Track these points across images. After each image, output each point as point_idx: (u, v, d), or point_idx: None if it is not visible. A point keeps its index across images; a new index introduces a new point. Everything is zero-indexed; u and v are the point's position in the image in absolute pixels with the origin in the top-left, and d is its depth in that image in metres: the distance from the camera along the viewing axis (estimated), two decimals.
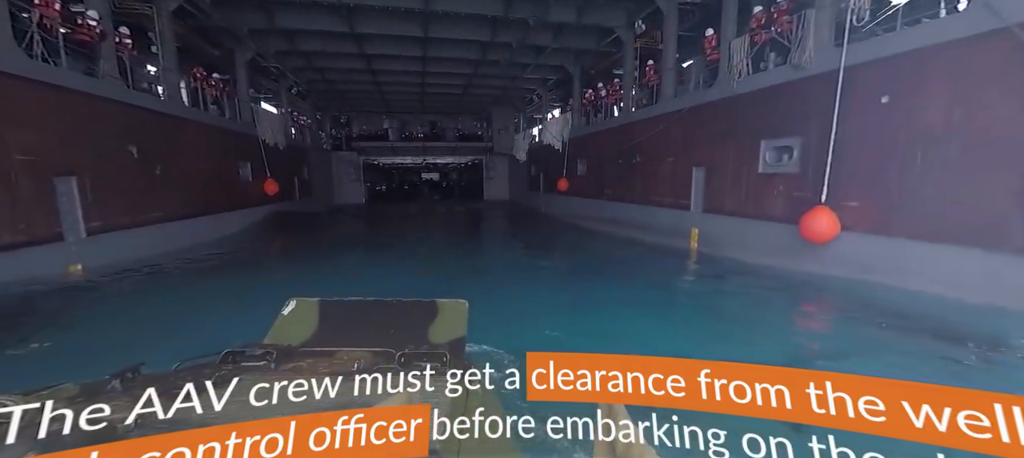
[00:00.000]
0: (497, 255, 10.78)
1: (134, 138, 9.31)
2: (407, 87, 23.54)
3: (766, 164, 8.76)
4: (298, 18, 14.27)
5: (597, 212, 16.68)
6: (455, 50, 17.53)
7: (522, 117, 29.60)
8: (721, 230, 10.11)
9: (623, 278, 8.09)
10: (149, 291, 7.09)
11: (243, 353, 2.06)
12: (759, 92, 8.94)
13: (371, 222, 19.67)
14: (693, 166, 11.23)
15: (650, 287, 7.42)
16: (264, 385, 1.63)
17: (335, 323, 2.53)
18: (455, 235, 15.25)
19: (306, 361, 2.06)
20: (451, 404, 1.61)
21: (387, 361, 2.01)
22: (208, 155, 12.40)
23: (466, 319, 2.59)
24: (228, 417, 1.43)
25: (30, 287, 6.47)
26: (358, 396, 1.62)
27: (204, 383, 1.60)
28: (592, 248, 11.42)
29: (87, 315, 5.73)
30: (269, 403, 1.55)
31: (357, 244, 13.50)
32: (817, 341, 5.25)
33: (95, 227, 8.03)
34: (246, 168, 15.06)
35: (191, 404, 1.49)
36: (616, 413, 1.23)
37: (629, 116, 14.54)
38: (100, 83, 8.53)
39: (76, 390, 1.59)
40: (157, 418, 1.41)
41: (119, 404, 1.40)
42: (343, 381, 1.68)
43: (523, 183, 27.06)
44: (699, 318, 5.64)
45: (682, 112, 11.46)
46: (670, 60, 12.40)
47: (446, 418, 1.50)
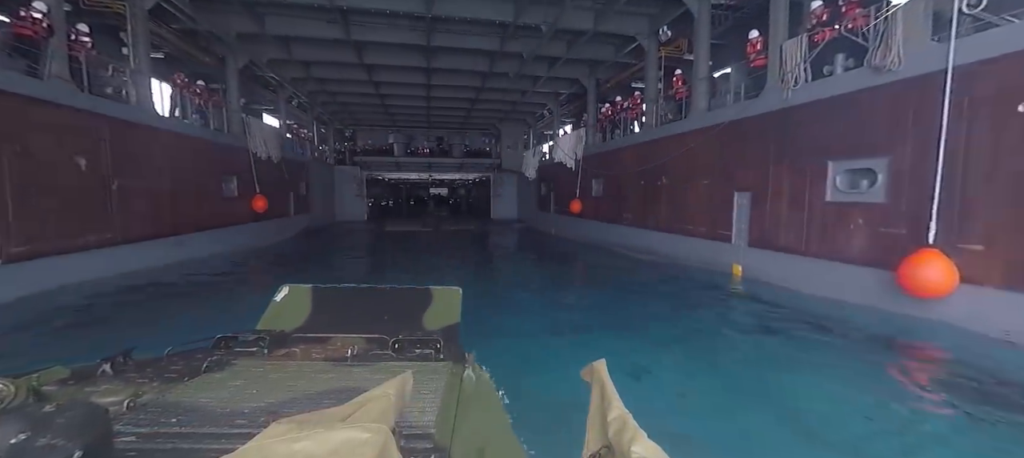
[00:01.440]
0: (508, 298, 9.21)
1: (84, 149, 8.02)
2: (412, 100, 22.41)
3: (837, 191, 7.14)
4: (289, 24, 13.15)
5: (615, 238, 15.07)
6: (462, 60, 16.32)
7: (532, 133, 28.34)
8: (774, 270, 8.44)
9: (655, 325, 6.48)
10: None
11: (235, 338, 1.99)
12: (823, 102, 7.38)
13: (349, 245, 18.26)
14: (735, 190, 9.64)
15: (693, 348, 5.77)
16: (257, 370, 1.68)
17: (328, 309, 2.45)
18: (454, 266, 13.70)
19: (299, 347, 1.99)
20: (445, 388, 1.57)
21: (381, 347, 1.99)
22: (183, 169, 11.12)
23: (460, 305, 2.54)
24: (220, 402, 1.40)
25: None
26: (352, 382, 1.58)
27: (196, 368, 1.65)
28: (612, 284, 9.79)
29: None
30: (262, 388, 1.51)
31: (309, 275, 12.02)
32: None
33: (16, 253, 6.66)
34: (231, 183, 13.78)
35: (183, 389, 1.48)
36: (608, 396, 1.04)
37: (652, 132, 13.06)
38: (40, 84, 7.27)
39: (67, 373, 1.50)
40: (149, 403, 1.36)
41: (110, 388, 1.40)
42: (337, 366, 1.76)
43: (532, 202, 25.61)
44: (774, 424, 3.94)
45: (719, 128, 9.93)
46: (702, 69, 10.93)
47: (440, 402, 1.45)
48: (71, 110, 7.80)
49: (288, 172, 17.94)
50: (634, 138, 14.35)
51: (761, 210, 8.89)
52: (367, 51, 15.50)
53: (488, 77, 17.92)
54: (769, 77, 8.63)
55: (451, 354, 1.93)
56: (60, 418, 0.93)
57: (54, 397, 1.29)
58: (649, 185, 13.04)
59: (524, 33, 13.66)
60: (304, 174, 20.35)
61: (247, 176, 14.54)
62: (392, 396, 1.03)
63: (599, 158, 16.81)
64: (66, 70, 7.87)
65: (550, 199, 22.10)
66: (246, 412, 1.33)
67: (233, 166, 13.94)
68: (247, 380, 1.58)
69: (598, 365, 1.19)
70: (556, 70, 16.81)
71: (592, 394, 1.14)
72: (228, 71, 14.52)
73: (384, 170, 30.35)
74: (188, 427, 1.22)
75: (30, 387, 1.27)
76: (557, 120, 22.74)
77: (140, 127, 9.62)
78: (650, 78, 13.26)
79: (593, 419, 1.08)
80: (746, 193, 9.34)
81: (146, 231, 9.55)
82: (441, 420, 1.34)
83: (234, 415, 1.31)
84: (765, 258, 8.76)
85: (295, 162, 19.52)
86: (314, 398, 1.44)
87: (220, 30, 12.51)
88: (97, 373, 1.54)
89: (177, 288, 8.60)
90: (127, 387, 1.42)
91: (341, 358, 1.85)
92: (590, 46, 14.71)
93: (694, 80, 11.06)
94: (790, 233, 8.12)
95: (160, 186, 10.18)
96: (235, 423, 1.26)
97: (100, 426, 0.99)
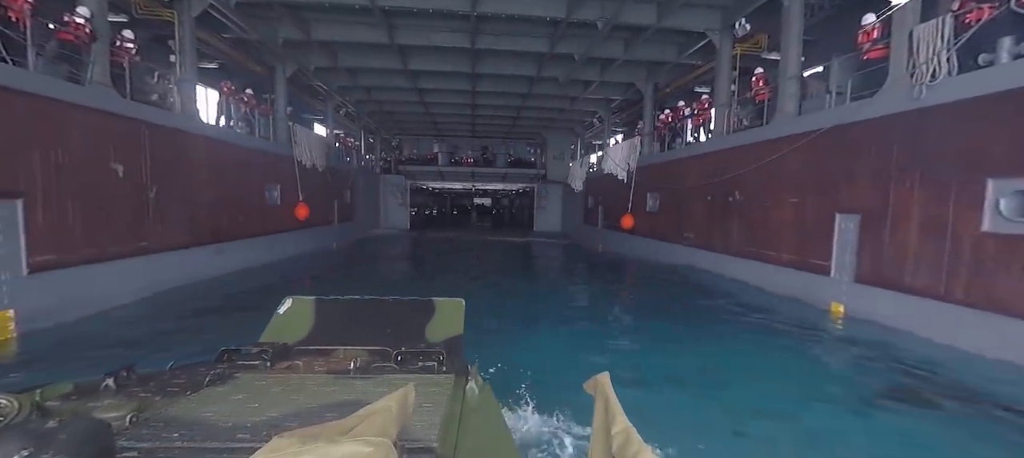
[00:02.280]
0: (567, 327, 8.03)
1: (122, 155, 7.80)
2: (457, 107, 21.87)
3: (1001, 219, 5.35)
4: (334, 29, 12.86)
5: (673, 259, 13.44)
6: (508, 64, 15.45)
7: (580, 143, 27.02)
8: (899, 316, 6.64)
9: (760, 383, 5.04)
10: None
11: (239, 352, 1.96)
12: (980, 101, 5.64)
13: (378, 259, 17.72)
14: (836, 212, 7.90)
15: (833, 433, 4.29)
16: (260, 383, 1.67)
17: (331, 321, 2.41)
18: (491, 285, 12.66)
19: (302, 360, 1.96)
20: (448, 401, 1.54)
21: (384, 359, 1.96)
22: (225, 176, 10.94)
23: (463, 317, 2.49)
24: (223, 416, 1.39)
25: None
26: (354, 395, 1.57)
27: (199, 382, 1.64)
28: (685, 315, 8.32)
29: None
30: (264, 402, 1.51)
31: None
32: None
33: (43, 262, 6.37)
34: (274, 191, 13.64)
35: (185, 403, 1.48)
36: (612, 410, 1.03)
37: (723, 141, 11.41)
38: (78, 89, 7.08)
39: (70, 388, 1.49)
40: (151, 418, 1.35)
41: (113, 403, 1.39)
42: (339, 379, 1.74)
43: (578, 215, 24.23)
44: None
45: (814, 135, 8.24)
46: (792, 65, 9.26)
47: (443, 415, 1.43)
48: (110, 115, 7.59)
49: (333, 180, 17.83)
50: (699, 148, 12.74)
51: (876, 238, 7.12)
52: (411, 56, 15.01)
53: (536, 82, 16.93)
54: (892, 71, 6.91)
55: (454, 366, 1.90)
56: (63, 434, 0.94)
57: (58, 412, 1.29)
58: (718, 201, 11.38)
59: (577, 31, 12.53)
60: (349, 182, 20.29)
61: (291, 184, 14.39)
62: (394, 409, 1.02)
63: (655, 170, 15.25)
64: (107, 76, 7.70)
65: (598, 213, 20.66)
66: (249, 426, 1.32)
67: (277, 174, 13.80)
68: (250, 394, 1.57)
69: (602, 378, 1.19)
70: (610, 73, 15.52)
71: (595, 407, 1.13)
72: (276, 79, 14.52)
73: (428, 179, 30.17)
74: (190, 442, 1.22)
75: (33, 402, 1.28)
76: (608, 128, 21.32)
77: (180, 134, 9.43)
78: (722, 79, 11.66)
79: (597, 433, 1.08)
80: (853, 215, 7.58)
81: (184, 239, 9.29)
82: (444, 433, 1.33)
83: (236, 429, 1.30)
84: (880, 299, 6.96)
85: (340, 170, 19.48)
86: (317, 411, 1.43)
87: (267, 38, 12.41)
88: (100, 388, 1.53)
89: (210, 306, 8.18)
90: (130, 402, 1.41)
91: (344, 371, 1.84)
92: (650, 46, 13.32)
93: (781, 79, 9.40)
94: (922, 270, 6.32)
95: (200, 194, 9.97)
96: (237, 438, 1.25)
97: (103, 442, 1.01)
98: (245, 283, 10.05)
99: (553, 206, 28.91)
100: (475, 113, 22.54)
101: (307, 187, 15.19)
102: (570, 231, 26.15)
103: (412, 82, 17.22)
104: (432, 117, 24.40)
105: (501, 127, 26.96)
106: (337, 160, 19.84)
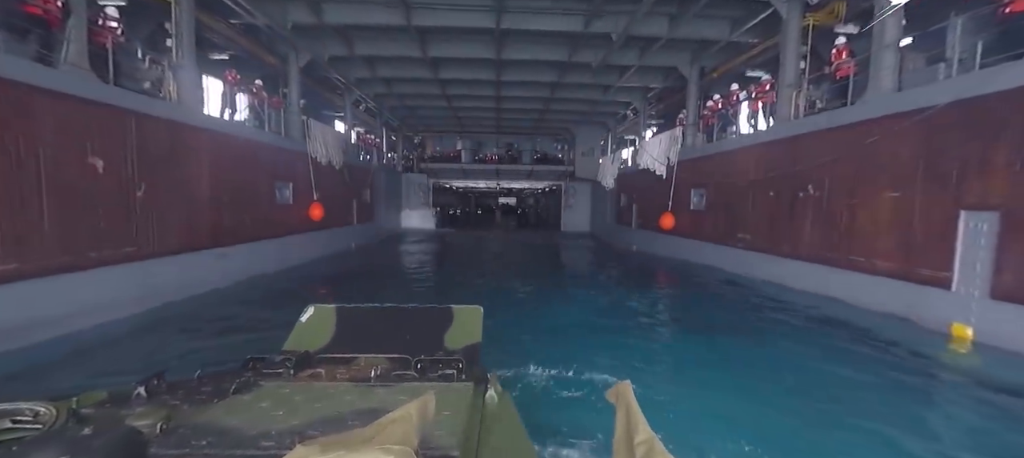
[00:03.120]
0: (615, 337, 6.66)
1: (103, 148, 6.91)
2: (480, 100, 20.66)
3: None
4: (346, 11, 11.83)
5: (723, 262, 11.78)
6: (537, 48, 14.09)
7: (611, 137, 25.33)
8: None
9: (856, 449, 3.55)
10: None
11: (263, 360, 1.98)
12: None
13: (384, 270, 16.63)
14: (960, 208, 6.17)
15: None
16: (283, 392, 1.69)
17: (352, 329, 2.44)
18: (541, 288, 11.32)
19: (324, 368, 1.99)
20: (467, 409, 1.55)
21: (404, 367, 1.97)
22: (229, 174, 10.07)
23: (481, 325, 2.47)
24: (248, 424, 1.41)
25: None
26: (375, 403, 1.59)
27: (226, 389, 1.66)
28: (758, 332, 6.79)
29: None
30: (288, 410, 1.53)
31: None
32: None
33: (4, 272, 5.48)
34: (286, 189, 12.77)
35: (213, 411, 1.51)
36: (634, 419, 1.03)
37: (792, 127, 9.69)
38: (49, 73, 6.20)
39: (104, 395, 1.55)
40: (180, 425, 1.39)
41: (145, 411, 1.41)
42: (360, 387, 1.76)
43: (609, 214, 22.63)
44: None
45: (928, 112, 6.51)
46: (891, 32, 7.50)
47: (462, 423, 1.44)
48: (86, 103, 6.70)
49: (351, 178, 16.94)
50: (759, 137, 11.01)
51: (1022, 242, 5.39)
52: (431, 41, 13.90)
53: (567, 69, 15.49)
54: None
55: (473, 374, 1.91)
56: (98, 441, 1.00)
57: (92, 419, 1.33)
58: (784, 197, 9.67)
59: (615, 6, 11.05)
60: (368, 180, 19.41)
61: (305, 182, 13.52)
62: (415, 417, 1.03)
63: (701, 163, 13.57)
64: (85, 58, 6.82)
65: (631, 211, 19.04)
66: (273, 434, 1.34)
67: (289, 171, 12.94)
68: (274, 401, 1.60)
69: (623, 387, 1.18)
70: (650, 56, 13.89)
71: (617, 417, 1.12)
72: (289, 69, 13.66)
73: (451, 177, 29.17)
74: (218, 449, 1.25)
75: (70, 409, 1.33)
76: (644, 120, 19.61)
77: (178, 126, 8.55)
78: (789, 54, 9.90)
79: (619, 443, 1.07)
80: (987, 213, 5.85)
81: (179, 243, 8.41)
82: (463, 441, 1.33)
83: (261, 437, 1.32)
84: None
85: (359, 168, 18.63)
86: (339, 419, 1.45)
87: (276, 21, 11.51)
88: (132, 395, 1.56)
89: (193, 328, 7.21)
90: (160, 409, 1.42)
91: (364, 378, 1.86)
92: (699, 22, 11.67)
93: (876, 49, 7.65)
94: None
95: (199, 192, 9.09)
96: (262, 446, 1.28)
97: (135, 449, 1.08)
98: (248, 294, 9.10)
99: (581, 205, 27.37)
100: (500, 104, 21.27)
101: (322, 185, 14.30)
102: (600, 231, 24.56)
103: (433, 72, 16.10)
104: (454, 111, 23.31)
105: (528, 120, 25.61)
106: (356, 158, 19.02)
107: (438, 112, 23.80)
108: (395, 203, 25.39)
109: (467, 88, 18.52)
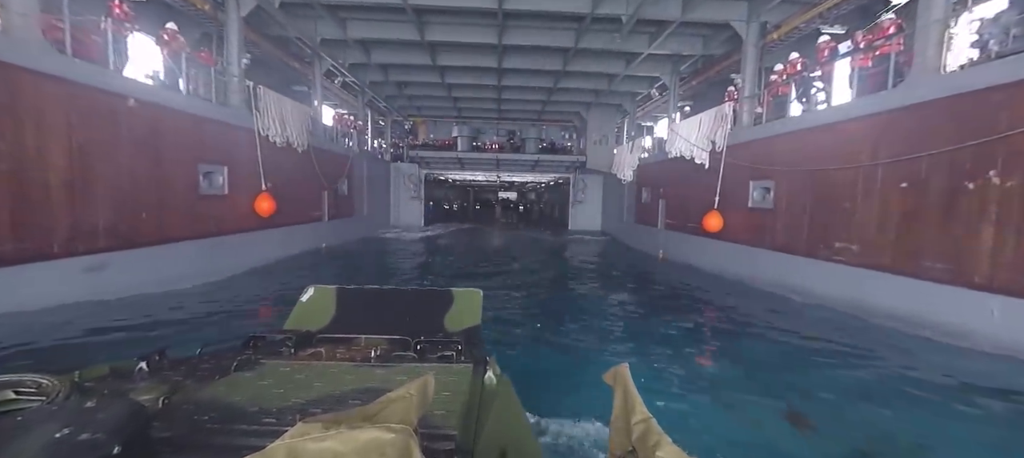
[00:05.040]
0: None
1: None
2: (480, 74, 17.42)
3: None
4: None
5: (805, 281, 8.66)
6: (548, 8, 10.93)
7: (627, 123, 22.15)
8: None
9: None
10: None
11: (264, 339, 2.00)
12: None
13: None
14: None
15: None
16: (284, 370, 1.71)
17: (352, 310, 2.44)
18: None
19: (324, 347, 2.00)
20: (467, 390, 1.57)
21: (403, 348, 2.00)
22: (108, 148, 6.95)
23: (481, 308, 2.50)
24: (249, 401, 1.42)
25: None
26: (375, 382, 1.61)
27: (227, 367, 1.68)
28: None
29: None
30: (289, 388, 1.55)
31: None
32: None
33: None
34: (218, 175, 9.65)
35: (214, 387, 1.52)
36: (631, 400, 1.06)
37: (945, 83, 6.51)
38: None
39: (106, 370, 1.58)
40: (182, 400, 1.40)
41: (147, 386, 1.44)
42: (360, 367, 1.78)
43: (626, 211, 19.54)
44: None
45: None
46: None
47: (461, 404, 1.46)
48: None
49: (321, 166, 13.80)
50: (882, 101, 7.67)
51: None
52: (426, 20, 10.72)
53: (583, 33, 12.32)
54: None
55: (472, 356, 1.93)
56: (101, 414, 1.00)
57: (95, 393, 1.33)
58: (934, 188, 6.53)
59: None
60: (345, 169, 16.26)
61: (249, 167, 10.41)
62: (415, 397, 1.03)
63: (766, 146, 10.41)
64: None
65: (657, 208, 15.93)
66: (274, 411, 1.35)
67: (223, 152, 9.82)
68: (275, 379, 1.61)
69: (621, 369, 1.19)
70: (691, 11, 10.72)
71: (615, 398, 1.15)
72: (228, 15, 10.48)
73: (446, 168, 25.96)
74: (219, 424, 1.26)
75: (73, 383, 1.34)
76: (674, 98, 16.41)
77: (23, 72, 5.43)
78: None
79: (616, 423, 1.09)
80: None
81: (9, 249, 5.33)
82: (462, 421, 1.35)
83: (262, 414, 1.33)
84: None
85: (334, 153, 15.48)
86: (339, 398, 1.47)
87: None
88: (134, 370, 1.57)
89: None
90: (162, 385, 1.44)
91: (364, 359, 1.88)
92: None
93: None
94: None
95: (50, 175, 5.98)
96: (263, 422, 1.28)
97: (137, 422, 1.07)
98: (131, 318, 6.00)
99: (593, 200, 24.28)
100: (501, 82, 18.05)
101: (277, 173, 11.21)
102: (614, 230, 21.46)
103: (430, 57, 12.88)
104: (449, 89, 20.11)
105: (533, 104, 22.43)
106: (330, 140, 15.88)
107: (428, 87, 20.56)
108: (383, 198, 22.27)
109: (464, 56, 15.28)
